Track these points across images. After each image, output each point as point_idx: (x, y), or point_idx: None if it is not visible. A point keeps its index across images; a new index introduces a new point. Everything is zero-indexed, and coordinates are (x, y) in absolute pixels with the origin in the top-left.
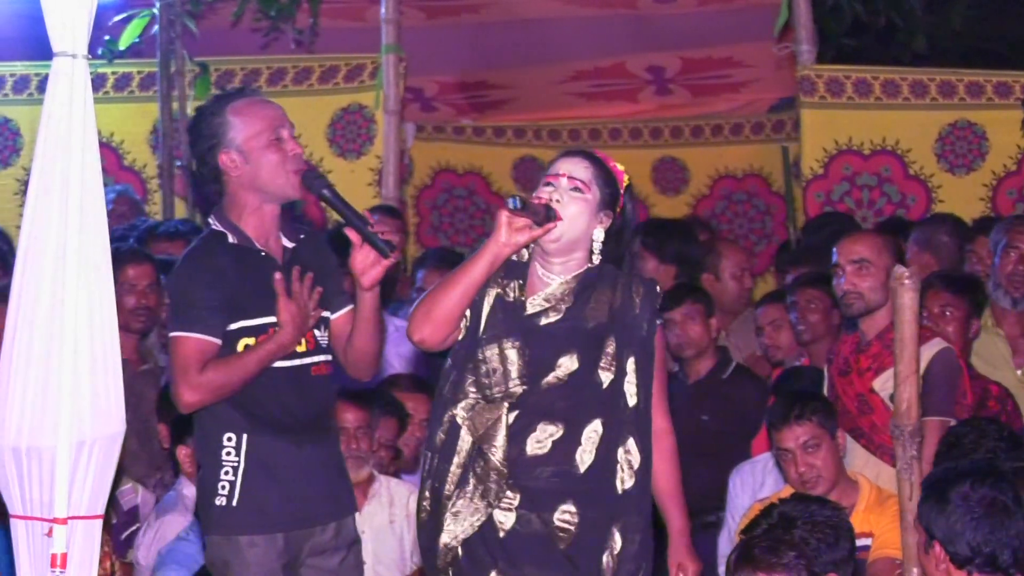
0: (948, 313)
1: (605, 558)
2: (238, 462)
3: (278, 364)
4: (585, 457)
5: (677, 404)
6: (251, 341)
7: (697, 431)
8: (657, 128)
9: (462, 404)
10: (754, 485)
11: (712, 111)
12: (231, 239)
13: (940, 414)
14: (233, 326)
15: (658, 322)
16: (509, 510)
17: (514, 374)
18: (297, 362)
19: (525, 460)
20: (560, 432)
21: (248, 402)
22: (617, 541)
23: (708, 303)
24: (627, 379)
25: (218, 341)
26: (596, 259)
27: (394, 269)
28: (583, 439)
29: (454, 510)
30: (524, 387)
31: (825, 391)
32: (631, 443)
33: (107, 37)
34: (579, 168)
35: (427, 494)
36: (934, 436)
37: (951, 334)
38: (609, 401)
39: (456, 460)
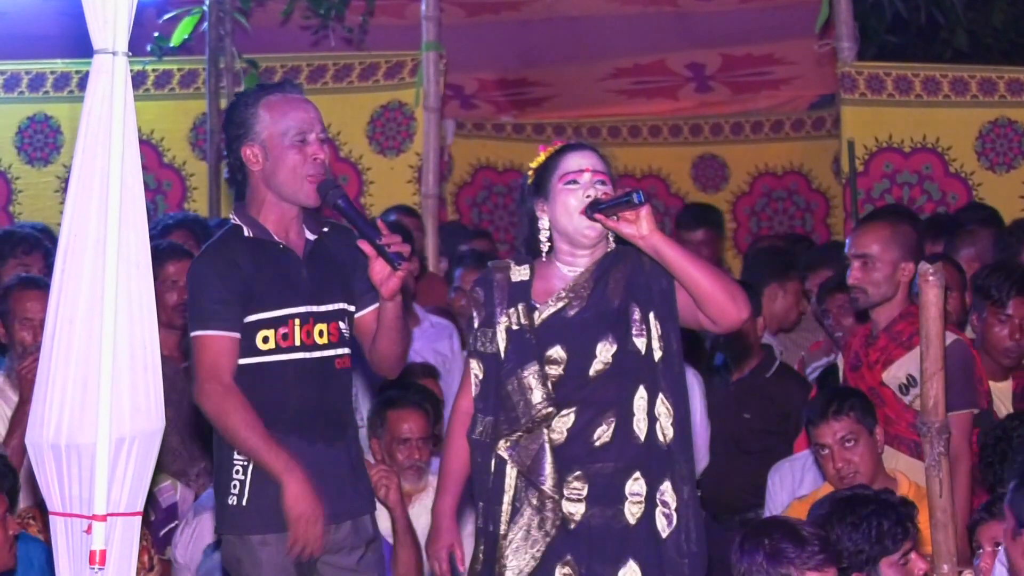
0: None
1: (658, 518)
2: (248, 461)
3: (302, 356)
4: (641, 425)
5: (719, 401)
6: (270, 333)
7: (739, 429)
8: (697, 125)
9: (503, 442)
10: (793, 483)
11: (752, 108)
12: (247, 232)
13: (964, 406)
14: (251, 318)
15: None
16: (579, 501)
17: (535, 400)
18: (319, 354)
19: (593, 452)
20: (616, 415)
21: (263, 398)
22: (670, 497)
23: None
24: (653, 336)
25: (235, 335)
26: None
27: (409, 278)
28: (635, 409)
29: (513, 546)
30: (550, 409)
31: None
32: (662, 397)
33: (156, 34)
34: (592, 160)
35: (482, 541)
36: (964, 428)
37: None
38: (647, 365)
39: (506, 498)
